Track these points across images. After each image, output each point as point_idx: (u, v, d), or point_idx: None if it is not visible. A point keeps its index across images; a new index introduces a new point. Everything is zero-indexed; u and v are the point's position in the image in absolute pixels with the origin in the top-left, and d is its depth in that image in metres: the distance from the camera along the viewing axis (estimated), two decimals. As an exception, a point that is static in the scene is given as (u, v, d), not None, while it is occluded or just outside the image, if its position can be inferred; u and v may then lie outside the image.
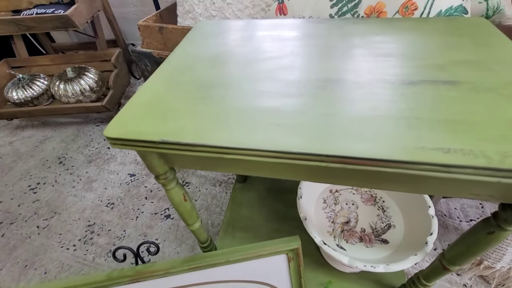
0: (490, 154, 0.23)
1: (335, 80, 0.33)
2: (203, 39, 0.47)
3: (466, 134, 0.25)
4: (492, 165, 0.22)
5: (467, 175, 0.23)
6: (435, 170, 0.23)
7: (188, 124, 0.29)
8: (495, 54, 0.35)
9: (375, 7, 0.54)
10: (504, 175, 0.22)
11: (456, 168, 0.23)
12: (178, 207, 0.44)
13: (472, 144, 0.24)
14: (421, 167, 0.23)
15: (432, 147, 0.24)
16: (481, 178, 0.23)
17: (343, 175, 0.29)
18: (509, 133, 0.24)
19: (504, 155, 0.23)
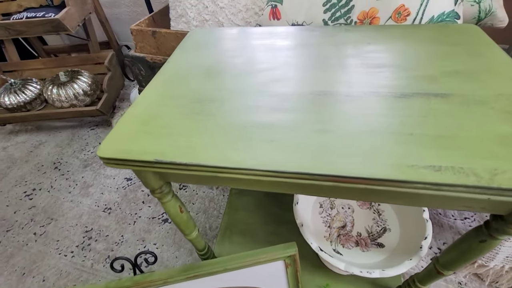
0: (479, 172, 0.23)
1: (327, 93, 0.34)
2: (196, 49, 0.47)
3: (457, 151, 0.25)
4: (482, 183, 0.22)
5: (457, 192, 0.23)
6: (426, 188, 0.24)
7: (182, 142, 0.29)
8: (486, 64, 0.35)
9: (368, 12, 0.54)
10: (494, 193, 0.23)
11: (447, 187, 0.23)
12: (174, 219, 0.44)
13: (463, 162, 0.24)
14: (412, 186, 0.24)
15: (423, 165, 0.24)
16: (472, 195, 0.23)
17: (337, 191, 0.29)
18: (498, 149, 0.25)
19: (494, 173, 0.23)
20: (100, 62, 1.42)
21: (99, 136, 1.42)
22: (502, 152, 0.24)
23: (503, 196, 0.23)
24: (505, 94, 0.30)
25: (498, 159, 0.24)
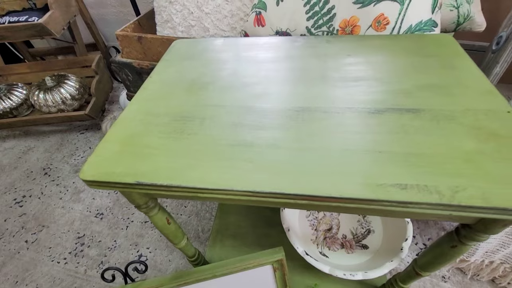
0: (442, 189, 0.25)
1: (306, 110, 0.35)
2: (179, 61, 0.47)
3: (423, 168, 0.26)
4: (444, 201, 0.24)
5: (422, 209, 0.25)
6: (393, 206, 0.25)
7: (164, 163, 0.30)
8: (458, 77, 0.37)
9: (349, 21, 0.55)
10: (455, 209, 0.24)
11: (412, 204, 0.25)
12: (162, 230, 0.45)
13: (427, 179, 0.25)
14: (380, 204, 0.25)
15: (391, 183, 0.26)
16: (434, 212, 0.25)
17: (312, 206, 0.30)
18: (462, 166, 0.26)
19: (455, 191, 0.24)
20: (87, 65, 1.40)
21: (89, 140, 1.41)
22: (465, 170, 0.26)
23: (464, 212, 0.24)
24: (472, 109, 0.32)
25: (461, 176, 0.26)
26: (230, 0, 0.73)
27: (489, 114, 0.31)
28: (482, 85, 0.35)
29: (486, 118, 0.31)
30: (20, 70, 1.41)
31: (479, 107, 0.32)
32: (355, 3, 0.53)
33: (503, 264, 0.70)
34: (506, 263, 0.70)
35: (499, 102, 0.32)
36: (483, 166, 0.26)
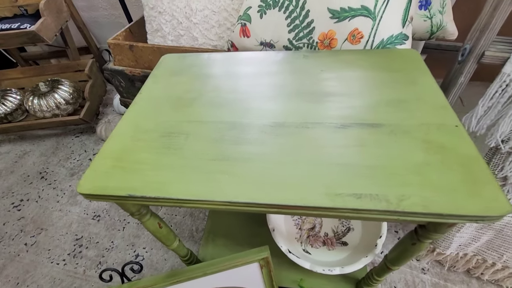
0: (390, 198, 0.29)
1: (280, 125, 0.39)
2: (167, 77, 0.51)
3: (376, 180, 0.31)
4: (391, 208, 0.28)
5: (373, 215, 0.29)
6: (349, 212, 0.29)
7: (152, 177, 0.34)
8: (417, 92, 0.41)
9: (327, 34, 0.58)
10: (400, 215, 0.28)
11: (365, 211, 0.29)
12: (155, 234, 0.49)
13: (379, 189, 0.30)
14: (338, 211, 0.29)
15: (348, 193, 0.30)
16: (384, 217, 0.29)
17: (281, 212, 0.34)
18: (410, 177, 0.31)
19: (401, 199, 0.29)
20: (80, 69, 1.42)
21: (84, 143, 1.44)
22: (411, 180, 0.30)
23: (408, 217, 0.29)
24: (426, 124, 0.36)
25: (408, 186, 0.30)
26: (217, 11, 0.76)
27: (440, 128, 0.35)
28: (437, 100, 0.39)
29: (437, 131, 0.35)
30: (13, 75, 1.42)
31: (432, 121, 0.36)
32: (331, 18, 0.57)
33: (475, 256, 0.76)
34: (478, 255, 0.75)
35: (450, 117, 0.37)
36: (428, 177, 0.30)
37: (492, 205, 0.27)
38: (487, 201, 0.28)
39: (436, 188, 0.29)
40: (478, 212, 0.27)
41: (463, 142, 0.33)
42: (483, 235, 0.68)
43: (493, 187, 0.29)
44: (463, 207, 0.27)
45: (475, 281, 0.83)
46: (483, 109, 0.55)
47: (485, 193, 0.28)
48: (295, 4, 0.60)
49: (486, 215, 0.27)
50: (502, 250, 0.69)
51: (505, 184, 0.59)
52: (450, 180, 0.30)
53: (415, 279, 0.85)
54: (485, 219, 0.27)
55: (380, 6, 0.53)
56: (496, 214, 0.27)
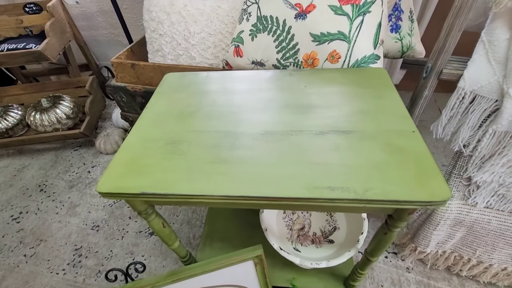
0: (358, 190, 0.36)
1: (269, 133, 0.46)
2: (170, 93, 0.58)
3: (348, 176, 0.37)
4: (358, 197, 0.35)
5: (345, 204, 0.36)
6: (325, 202, 0.36)
7: (160, 178, 0.40)
8: (383, 104, 0.49)
9: (310, 54, 0.67)
10: (366, 203, 0.35)
11: (338, 200, 0.35)
12: (158, 233, 0.54)
13: (348, 183, 0.36)
14: (316, 201, 0.36)
15: (324, 186, 0.36)
16: (353, 205, 0.36)
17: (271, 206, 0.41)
18: (374, 173, 0.37)
19: (366, 190, 0.35)
20: (80, 85, 1.48)
21: (83, 156, 1.48)
22: (375, 175, 0.37)
23: (372, 204, 0.35)
24: (389, 130, 0.44)
25: (371, 180, 0.37)
26: (213, 34, 0.85)
27: (400, 133, 0.43)
28: (399, 111, 0.47)
29: (397, 136, 0.42)
30: (14, 91, 1.48)
31: (393, 128, 0.44)
32: (313, 41, 0.65)
33: (453, 253, 0.82)
34: (455, 252, 0.82)
35: (408, 124, 0.44)
36: (388, 173, 0.37)
37: (437, 193, 0.34)
38: (433, 190, 0.35)
39: (393, 181, 0.36)
40: (427, 199, 0.34)
41: (418, 144, 0.41)
42: (457, 232, 0.75)
43: (439, 179, 0.36)
44: (414, 195, 0.34)
45: (456, 278, 0.89)
46: (446, 118, 0.64)
47: (432, 184, 0.35)
48: (282, 29, 0.69)
49: (433, 201, 0.34)
50: (475, 246, 0.76)
51: (469, 184, 0.67)
52: (405, 175, 0.37)
53: (401, 278, 0.91)
54: (432, 204, 0.34)
55: (353, 32, 0.62)
56: (439, 199, 0.34)
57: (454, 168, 0.67)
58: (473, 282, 0.87)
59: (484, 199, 0.66)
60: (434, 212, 0.73)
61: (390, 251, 0.98)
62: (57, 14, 1.28)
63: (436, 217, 0.73)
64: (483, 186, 0.64)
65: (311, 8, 0.65)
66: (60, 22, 1.30)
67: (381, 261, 0.95)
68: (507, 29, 0.53)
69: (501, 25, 0.53)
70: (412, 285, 0.89)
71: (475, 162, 0.62)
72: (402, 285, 0.89)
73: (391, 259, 0.95)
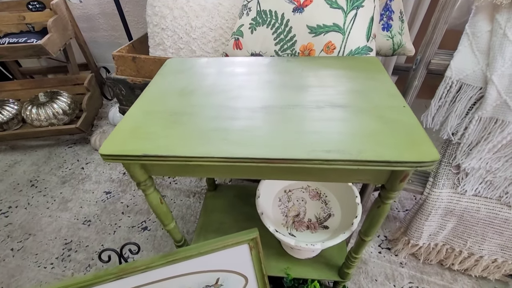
0: (352, 152, 0.37)
1: (268, 107, 0.48)
2: (172, 74, 0.60)
3: (343, 142, 0.39)
4: (352, 158, 0.37)
5: (339, 165, 0.37)
6: (321, 163, 0.37)
7: (162, 143, 0.41)
8: (375, 85, 0.52)
9: (307, 46, 0.70)
10: (360, 164, 0.37)
11: (333, 161, 0.37)
12: (156, 209, 0.55)
13: (344, 147, 0.38)
14: (312, 162, 0.37)
15: (320, 149, 0.38)
16: (347, 167, 0.37)
17: (273, 172, 0.42)
18: (368, 139, 0.39)
19: (360, 152, 0.37)
20: (79, 83, 1.49)
21: (77, 153, 1.47)
22: (368, 141, 0.39)
23: (365, 165, 0.37)
24: (381, 105, 0.46)
25: (365, 144, 0.39)
26: (214, 29, 0.88)
27: (391, 108, 0.45)
28: (390, 90, 0.50)
29: (389, 110, 0.45)
30: (11, 87, 1.48)
31: (385, 104, 0.46)
32: (310, 33, 0.69)
33: (444, 245, 0.84)
34: (447, 244, 0.83)
35: (399, 101, 0.47)
36: (380, 139, 0.39)
37: (426, 155, 0.36)
38: (423, 153, 0.37)
39: (386, 145, 0.38)
40: (416, 159, 0.36)
41: (409, 117, 0.43)
42: (448, 222, 0.77)
43: (428, 144, 0.38)
44: (406, 156, 0.36)
45: (448, 273, 0.90)
46: (435, 108, 0.67)
47: (422, 148, 0.37)
48: (280, 22, 0.72)
49: (422, 161, 0.36)
50: (466, 237, 0.78)
51: (458, 172, 0.69)
52: (396, 141, 0.39)
53: (394, 272, 0.91)
54: (422, 164, 0.36)
55: (348, 24, 0.66)
56: (428, 160, 0.36)
57: (444, 157, 0.70)
58: (465, 277, 0.88)
59: (473, 186, 0.68)
60: (425, 201, 0.75)
61: (384, 246, 0.98)
62: (60, 12, 1.31)
63: (428, 207, 0.75)
64: (472, 173, 0.67)
65: (308, 2, 0.69)
66: (62, 20, 1.33)
67: (374, 257, 0.96)
68: (488, 22, 0.57)
69: (482, 18, 0.57)
70: (406, 279, 0.89)
71: (463, 149, 0.65)
72: (396, 279, 0.89)
73: (384, 254, 0.96)
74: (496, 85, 0.55)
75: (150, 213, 1.14)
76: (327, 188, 0.78)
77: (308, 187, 0.79)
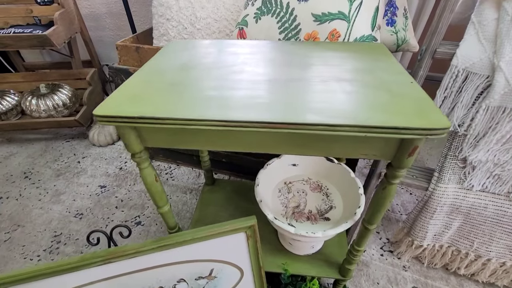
0: (360, 118, 0.36)
1: (271, 80, 0.46)
2: (174, 52, 0.59)
3: (349, 110, 0.38)
4: (359, 123, 0.35)
5: (345, 131, 0.35)
6: (326, 129, 0.35)
7: (159, 106, 0.39)
8: (381, 65, 0.51)
9: (311, 34, 0.70)
10: (367, 130, 0.35)
11: (338, 126, 0.35)
12: (150, 187, 0.52)
13: (351, 114, 0.37)
14: (316, 128, 0.35)
15: (326, 115, 0.36)
16: (353, 133, 0.35)
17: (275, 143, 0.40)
18: (375, 108, 0.38)
19: (367, 118, 0.35)
20: (81, 78, 1.49)
21: (74, 147, 1.45)
22: (376, 109, 0.37)
23: (373, 133, 0.35)
24: (387, 81, 0.45)
25: (373, 112, 0.37)
26: (219, 20, 0.88)
27: (399, 83, 0.44)
28: (397, 69, 0.49)
29: (396, 86, 0.43)
30: (13, 79, 1.47)
31: (393, 80, 0.45)
32: (315, 21, 0.69)
33: (450, 247, 0.80)
34: (453, 246, 0.79)
35: (406, 78, 0.46)
36: (389, 108, 0.38)
37: (437, 122, 0.34)
38: (433, 121, 0.35)
39: (395, 113, 0.36)
40: (427, 126, 0.34)
41: (417, 91, 0.42)
42: (454, 221, 0.74)
43: (438, 114, 0.36)
44: (415, 123, 0.34)
45: (453, 278, 0.85)
46: (441, 99, 0.66)
47: (433, 116, 0.36)
48: (285, 11, 0.72)
49: (433, 127, 0.34)
50: (472, 237, 0.74)
51: (465, 166, 0.67)
52: (405, 110, 0.37)
53: (397, 276, 0.87)
54: (433, 132, 0.34)
55: (353, 12, 0.66)
56: (440, 126, 0.34)
57: (450, 150, 0.68)
58: (471, 282, 0.84)
59: (480, 181, 0.66)
60: (430, 198, 0.72)
61: (386, 249, 0.94)
62: (68, 6, 1.33)
63: (433, 204, 0.72)
64: (479, 167, 0.65)
65: (314, -9, 0.69)
66: (69, 14, 1.34)
67: (376, 259, 0.91)
68: (495, 9, 0.57)
69: (489, 6, 0.57)
70: (409, 283, 0.85)
71: (470, 141, 0.63)
72: (399, 283, 0.85)
73: (386, 257, 0.92)
74: (504, 71, 0.54)
75: (144, 208, 1.11)
76: (328, 181, 0.75)
77: (309, 179, 0.76)
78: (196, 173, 1.27)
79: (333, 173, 0.74)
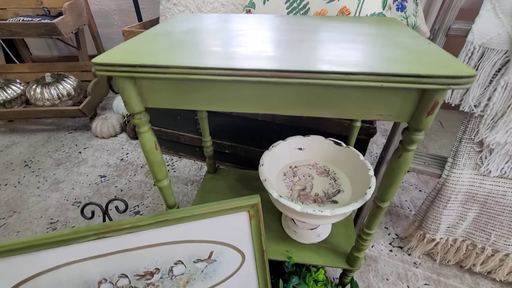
0: (377, 68, 0.33)
1: (278, 40, 0.44)
2: (180, 21, 0.57)
3: (366, 62, 0.35)
4: (376, 71, 0.32)
5: (361, 80, 0.33)
6: (340, 79, 0.33)
7: (161, 57, 0.37)
8: (395, 32, 0.48)
9: (320, 12, 0.68)
10: (384, 78, 0.32)
11: (354, 75, 0.32)
12: (149, 155, 0.49)
13: (368, 64, 0.34)
14: (330, 76, 0.33)
15: (340, 64, 0.34)
16: (370, 83, 0.33)
17: (284, 101, 0.38)
18: (395, 60, 0.35)
19: (385, 68, 0.33)
20: (87, 70, 1.50)
21: (76, 138, 1.44)
22: (395, 61, 0.35)
23: (391, 83, 0.32)
24: (400, 42, 0.42)
25: (392, 63, 0.34)
26: (226, 5, 0.88)
27: (417, 45, 0.41)
28: (412, 34, 0.46)
29: (415, 46, 0.41)
30: (20, 69, 1.48)
31: (410, 42, 0.43)
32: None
33: (464, 241, 0.75)
34: (467, 239, 0.75)
35: (423, 40, 0.43)
36: (409, 60, 0.35)
37: (461, 71, 0.32)
38: (457, 69, 0.32)
39: (415, 63, 0.34)
40: (450, 73, 0.31)
41: (435, 48, 0.39)
42: (469, 211, 0.70)
43: (461, 64, 0.33)
44: (437, 71, 0.32)
45: (468, 276, 0.80)
46: (455, 79, 0.63)
47: (455, 65, 0.33)
48: (293, -9, 0.71)
49: (458, 75, 0.31)
50: (489, 229, 0.70)
51: (481, 150, 0.63)
52: (426, 62, 0.35)
53: (407, 272, 0.82)
54: (457, 81, 0.31)
55: (363, -11, 0.64)
56: (465, 74, 0.31)
57: (465, 133, 0.64)
58: (488, 281, 0.78)
59: (498, 166, 0.62)
60: (444, 185, 0.69)
61: (395, 245, 0.90)
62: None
63: (447, 192, 0.68)
64: (496, 150, 0.61)
65: (323, -31, 0.68)
66: (78, 6, 1.36)
67: (385, 255, 0.87)
68: (513, -18, 0.54)
69: (506, -21, 0.55)
70: (421, 280, 0.79)
71: (487, 122, 0.60)
72: (409, 280, 0.80)
73: (396, 253, 0.87)
74: (524, 44, 0.51)
75: (144, 198, 1.08)
76: (336, 166, 0.72)
77: (315, 164, 0.73)
78: (198, 166, 1.24)
79: (341, 158, 0.70)
